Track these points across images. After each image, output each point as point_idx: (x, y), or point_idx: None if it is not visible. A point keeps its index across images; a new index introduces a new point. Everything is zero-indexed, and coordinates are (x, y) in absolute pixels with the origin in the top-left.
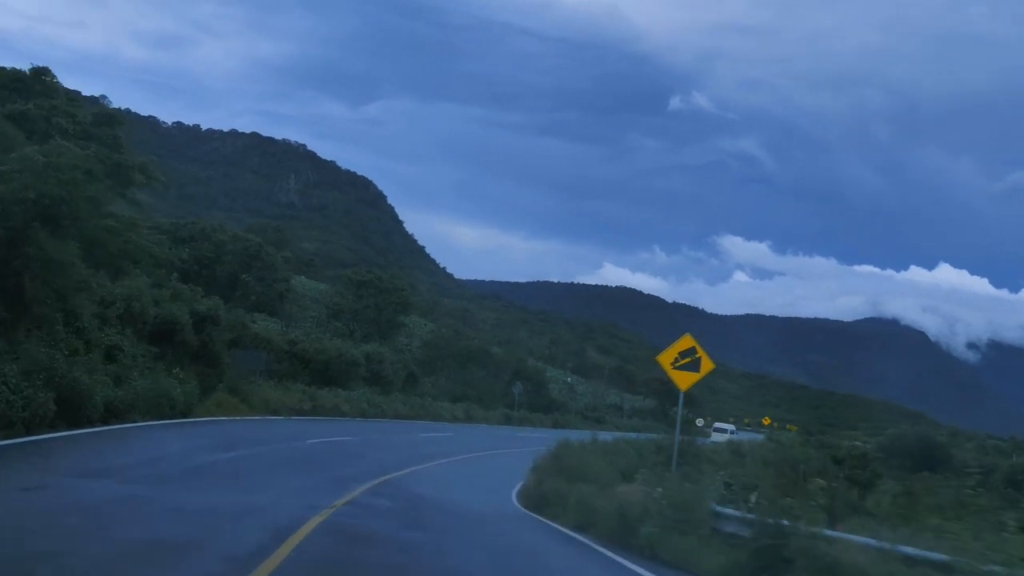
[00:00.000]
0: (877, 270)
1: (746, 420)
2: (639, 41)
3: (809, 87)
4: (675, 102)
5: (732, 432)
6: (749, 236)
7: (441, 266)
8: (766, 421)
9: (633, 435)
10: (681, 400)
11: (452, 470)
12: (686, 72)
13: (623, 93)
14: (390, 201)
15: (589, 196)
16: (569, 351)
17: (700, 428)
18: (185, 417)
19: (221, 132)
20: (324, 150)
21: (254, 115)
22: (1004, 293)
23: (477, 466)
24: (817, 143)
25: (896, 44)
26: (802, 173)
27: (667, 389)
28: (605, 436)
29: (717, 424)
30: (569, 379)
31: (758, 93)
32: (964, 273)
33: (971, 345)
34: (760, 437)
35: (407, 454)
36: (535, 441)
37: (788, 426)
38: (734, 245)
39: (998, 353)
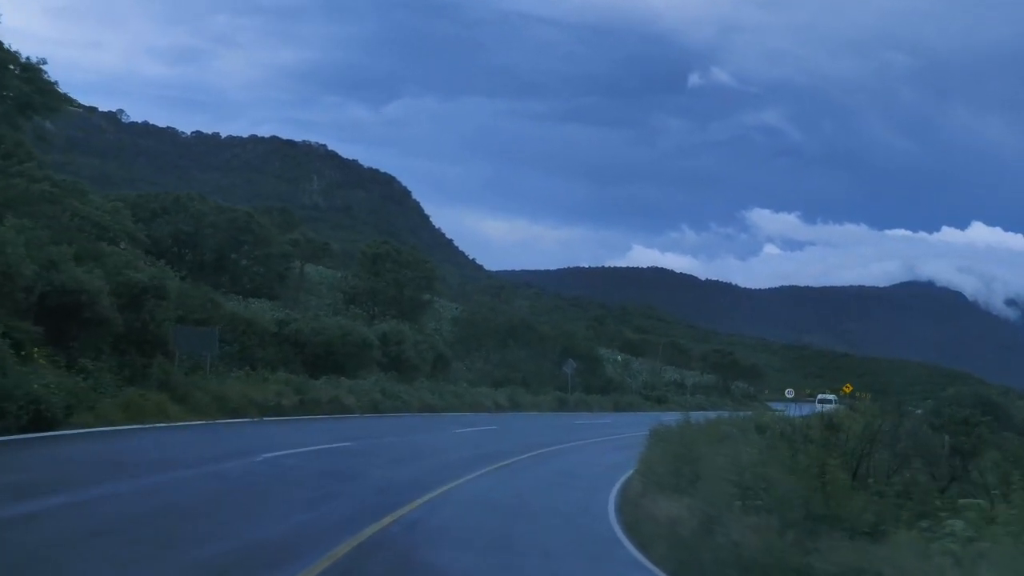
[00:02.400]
0: (910, 233)
1: (846, 389)
2: (657, 21)
3: (831, 54)
4: (696, 79)
5: (835, 402)
6: (778, 208)
7: (471, 258)
8: (847, 389)
9: (711, 413)
10: None
11: (504, 486)
12: (706, 48)
13: (644, 75)
14: (415, 197)
15: (615, 180)
16: (608, 334)
17: (790, 399)
18: (52, 429)
19: (241, 139)
20: (347, 153)
21: (277, 123)
22: None
23: (541, 475)
24: (842, 110)
25: (917, 3)
26: (828, 141)
27: (727, 362)
28: (696, 416)
29: (820, 396)
30: (619, 357)
31: (780, 64)
32: (998, 230)
33: (1010, 302)
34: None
35: (430, 465)
36: (602, 428)
37: (844, 387)
38: (763, 218)
39: None
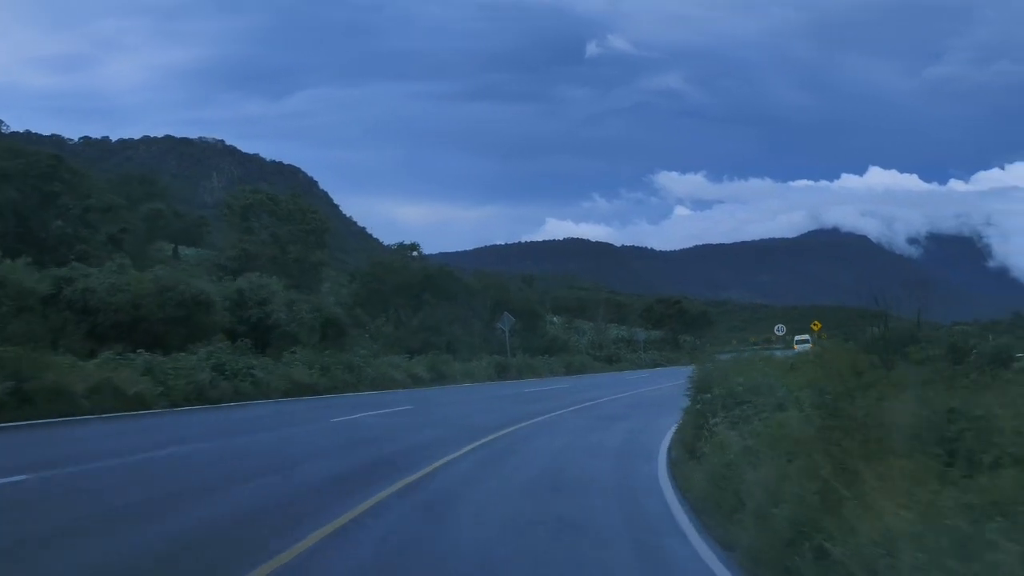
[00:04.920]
0: (812, 183)
1: (815, 326)
2: None
3: (725, 13)
4: (595, 48)
5: (809, 342)
6: (685, 169)
7: (386, 245)
8: (816, 326)
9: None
10: None
11: None
12: (601, 16)
13: (544, 47)
14: (323, 187)
15: (525, 155)
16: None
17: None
18: None
19: (133, 141)
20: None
21: (174, 124)
22: (934, 186)
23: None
24: (740, 68)
25: None
26: (728, 100)
27: (674, 311)
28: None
29: (798, 337)
30: (555, 319)
31: (676, 27)
32: (894, 173)
33: (911, 240)
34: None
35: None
36: (563, 395)
37: (813, 325)
38: (671, 181)
39: (938, 244)
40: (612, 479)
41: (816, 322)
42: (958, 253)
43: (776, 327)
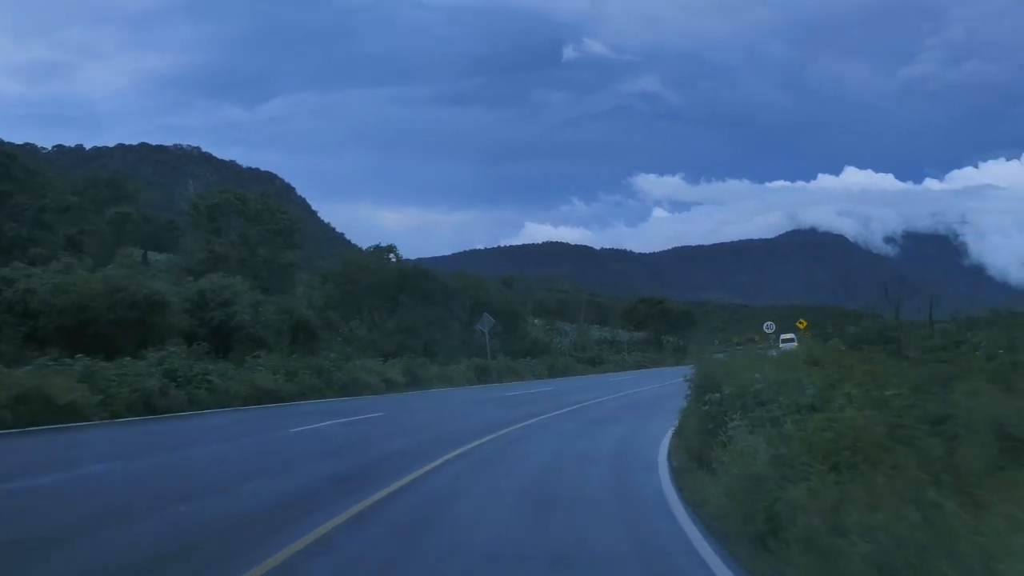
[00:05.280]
0: (789, 184)
1: (800, 324)
2: None
3: (701, 15)
4: (572, 52)
5: (795, 340)
6: (662, 172)
7: (363, 249)
8: (801, 324)
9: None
10: None
11: None
12: (578, 20)
13: (522, 51)
14: (300, 193)
15: (504, 159)
16: (519, 296)
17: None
18: None
19: (107, 148)
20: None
21: (150, 131)
22: (909, 185)
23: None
24: (716, 70)
25: None
26: (705, 102)
27: (657, 311)
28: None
29: (783, 336)
30: (536, 321)
31: (652, 30)
32: (869, 172)
33: (888, 239)
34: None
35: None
36: (548, 399)
37: (798, 323)
38: (649, 183)
39: (914, 243)
40: (611, 493)
41: (801, 320)
42: (934, 251)
43: (765, 324)
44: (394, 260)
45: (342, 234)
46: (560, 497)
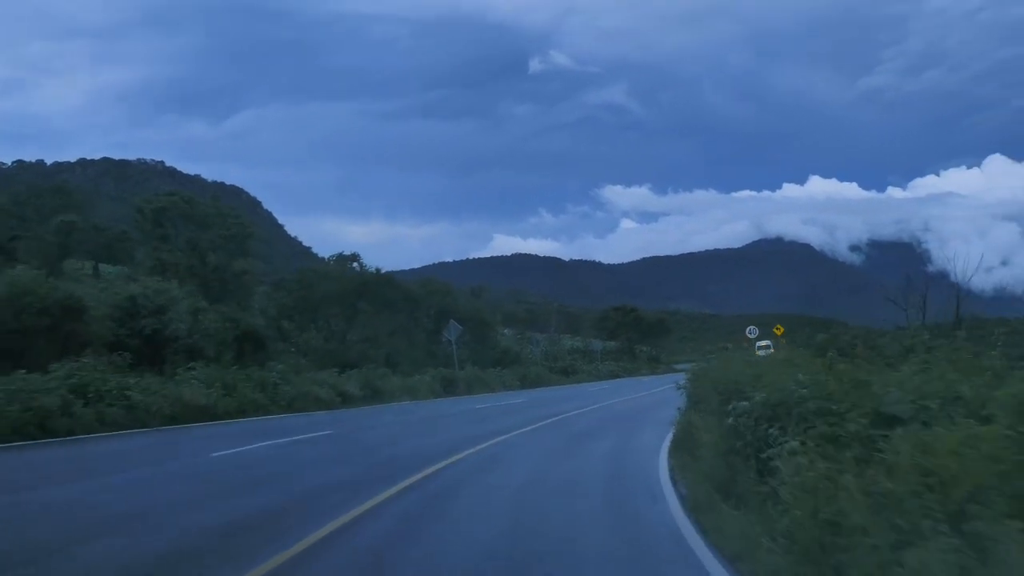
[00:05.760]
0: (755, 193)
1: (777, 330)
2: (491, 9)
3: (665, 28)
4: (537, 64)
5: (771, 347)
6: (629, 182)
7: (325, 258)
8: (779, 330)
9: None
10: None
11: None
12: (543, 33)
13: (487, 64)
14: (267, 207)
15: (471, 171)
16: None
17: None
18: None
19: (69, 164)
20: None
21: (112, 147)
22: (873, 194)
23: None
24: (680, 81)
25: None
26: (670, 113)
27: (630, 320)
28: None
29: (760, 343)
30: (506, 331)
31: (616, 42)
32: (834, 181)
33: (853, 247)
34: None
35: None
36: (522, 411)
37: (775, 329)
38: (616, 194)
39: (879, 251)
40: (612, 545)
41: (779, 326)
42: (898, 259)
43: (748, 329)
44: (357, 268)
45: (309, 248)
46: (542, 556)
